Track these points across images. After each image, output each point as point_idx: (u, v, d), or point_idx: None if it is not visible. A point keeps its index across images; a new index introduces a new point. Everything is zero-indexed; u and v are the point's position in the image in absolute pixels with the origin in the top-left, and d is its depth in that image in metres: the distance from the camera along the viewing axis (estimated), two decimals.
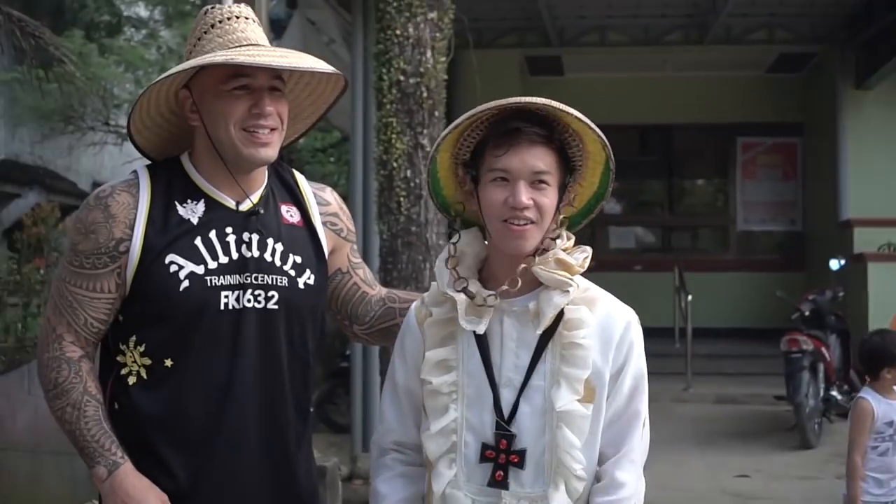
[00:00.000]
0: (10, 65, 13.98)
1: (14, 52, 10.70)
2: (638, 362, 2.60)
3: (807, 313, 10.55)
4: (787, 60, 15.73)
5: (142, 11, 20.46)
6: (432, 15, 7.72)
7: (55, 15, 18.12)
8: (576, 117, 2.50)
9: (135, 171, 2.80)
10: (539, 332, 2.52)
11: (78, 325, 2.70)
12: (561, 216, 2.60)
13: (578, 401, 2.50)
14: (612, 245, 17.48)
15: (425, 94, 7.68)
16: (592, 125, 2.52)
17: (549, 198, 2.52)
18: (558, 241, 2.58)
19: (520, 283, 2.53)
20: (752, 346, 14.51)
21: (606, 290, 2.68)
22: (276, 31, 11.19)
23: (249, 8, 2.82)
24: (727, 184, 17.64)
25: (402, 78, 7.69)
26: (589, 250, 2.62)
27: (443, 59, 7.86)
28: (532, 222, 2.50)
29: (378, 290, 3.07)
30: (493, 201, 2.51)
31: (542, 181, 2.51)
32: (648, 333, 2.74)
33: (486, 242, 2.64)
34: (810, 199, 16.70)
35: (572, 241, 2.62)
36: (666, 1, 13.39)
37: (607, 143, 2.56)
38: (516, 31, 14.70)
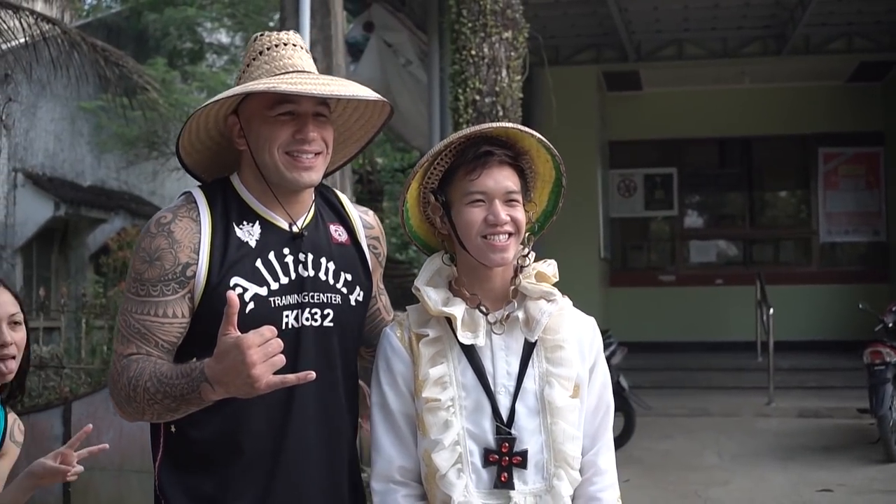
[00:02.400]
0: (95, 93, 14.32)
1: (99, 80, 10.96)
2: (603, 360, 2.86)
3: (890, 325, 10.38)
4: (868, 69, 15.55)
5: (223, 38, 20.81)
6: (507, 34, 7.78)
7: (138, 43, 18.50)
8: (537, 139, 2.74)
9: (187, 193, 2.82)
10: (534, 339, 2.72)
11: (148, 347, 2.67)
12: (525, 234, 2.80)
13: (569, 397, 2.71)
14: (692, 259, 17.38)
15: (501, 113, 7.74)
16: (549, 145, 2.75)
17: (521, 213, 2.72)
18: (530, 257, 2.80)
19: (509, 297, 2.77)
20: (834, 358, 14.32)
21: (688, 304, 2.80)
22: (354, 54, 11.32)
23: (298, 35, 2.87)
24: (809, 195, 17.44)
25: (477, 97, 7.76)
26: (555, 262, 2.84)
27: (518, 77, 7.92)
28: (511, 234, 2.69)
29: (391, 316, 3.10)
30: (472, 220, 2.69)
31: (513, 199, 2.70)
32: (730, 347, 2.82)
33: (451, 263, 2.81)
34: (894, 209, 16.47)
35: (534, 255, 2.82)
36: (743, 12, 13.32)
37: (562, 162, 2.79)
38: (593, 47, 14.72)
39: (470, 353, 2.72)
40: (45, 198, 15.44)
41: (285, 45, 2.79)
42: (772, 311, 12.69)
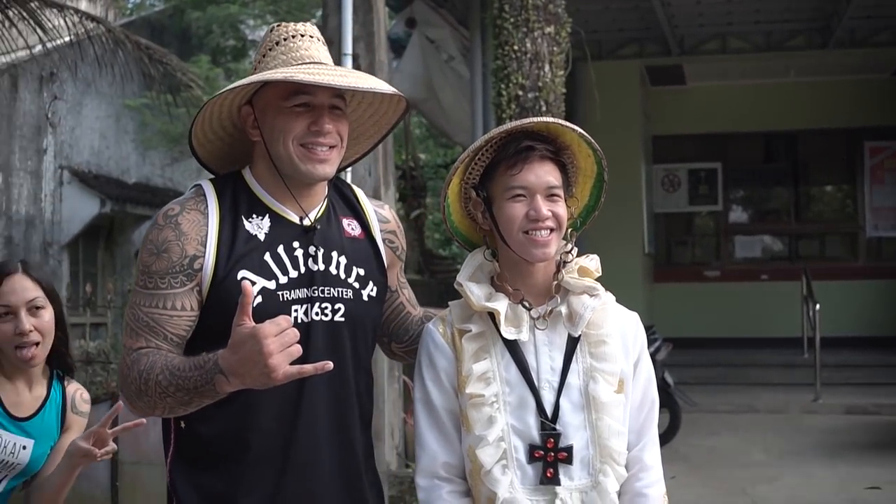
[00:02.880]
0: (139, 91, 14.43)
1: (143, 78, 11.05)
2: (647, 355, 2.84)
3: None
4: None
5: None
6: (549, 29, 7.75)
7: (182, 41, 18.63)
8: (579, 133, 2.72)
9: (197, 186, 2.81)
10: (577, 333, 2.70)
11: (157, 340, 2.64)
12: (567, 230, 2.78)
13: (614, 392, 2.70)
14: (738, 255, 17.29)
15: (544, 108, 7.71)
16: (590, 139, 2.73)
17: (562, 208, 2.71)
18: (573, 252, 2.78)
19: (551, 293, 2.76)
20: (882, 354, 14.20)
21: (733, 300, 2.78)
22: (396, 50, 11.33)
23: (315, 27, 2.84)
24: (855, 190, 17.28)
25: (520, 93, 7.73)
26: (597, 257, 2.81)
27: (561, 72, 7.88)
28: (552, 230, 2.68)
29: (418, 311, 3.09)
30: (513, 216, 2.68)
31: (555, 194, 2.70)
32: (775, 343, 2.80)
33: (493, 259, 2.80)
34: None
35: (576, 251, 2.81)
36: (787, 5, 13.21)
37: (603, 157, 2.77)
38: (635, 42, 14.66)
39: (513, 348, 2.71)
40: (91, 195, 15.59)
41: (302, 35, 2.76)
42: (818, 306, 12.59)
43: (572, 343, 2.72)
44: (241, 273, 2.65)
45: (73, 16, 9.82)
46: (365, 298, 2.82)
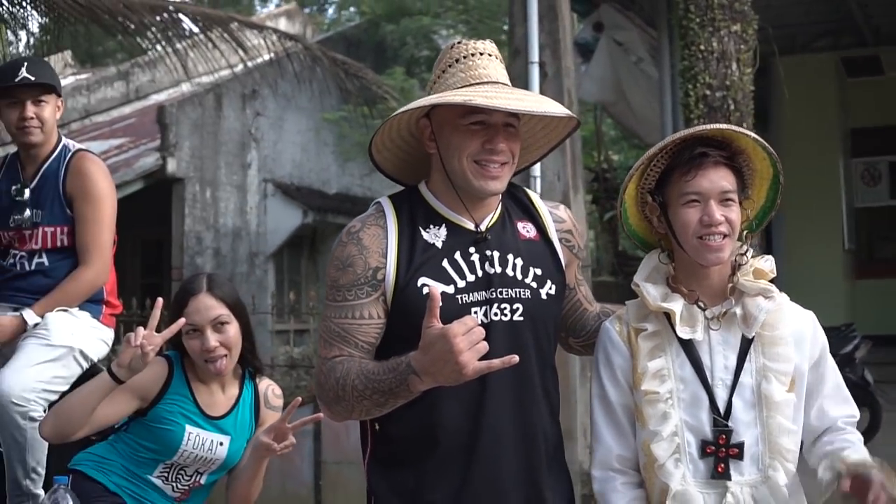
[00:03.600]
0: (337, 104, 14.87)
1: (340, 92, 11.43)
2: (828, 353, 2.90)
3: None
4: None
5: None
6: (735, 27, 7.72)
7: (377, 53, 19.06)
8: (753, 138, 2.79)
9: (377, 203, 2.97)
10: (752, 335, 2.78)
11: (349, 348, 2.81)
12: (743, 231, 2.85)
13: (786, 391, 2.77)
14: None
15: (732, 107, 7.69)
16: (765, 144, 2.81)
17: (735, 213, 2.78)
18: (747, 254, 2.85)
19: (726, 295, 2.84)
20: None
21: None
22: (584, 55, 11.40)
23: (493, 44, 2.94)
24: None
25: (708, 92, 7.73)
26: (772, 258, 2.87)
27: (749, 70, 7.84)
28: (726, 236, 2.75)
29: (594, 307, 3.19)
30: (688, 221, 2.77)
31: (728, 199, 2.77)
32: None
33: (669, 261, 2.88)
34: None
35: (751, 252, 2.87)
36: None
37: (778, 160, 2.83)
38: (829, 34, 14.30)
39: (688, 347, 2.81)
40: (294, 206, 16.06)
41: (481, 54, 2.88)
42: None
43: (746, 343, 2.81)
44: (422, 280, 2.81)
45: (272, 35, 10.24)
46: (543, 297, 2.92)
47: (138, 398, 3.69)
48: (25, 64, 4.44)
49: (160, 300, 3.63)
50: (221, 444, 3.77)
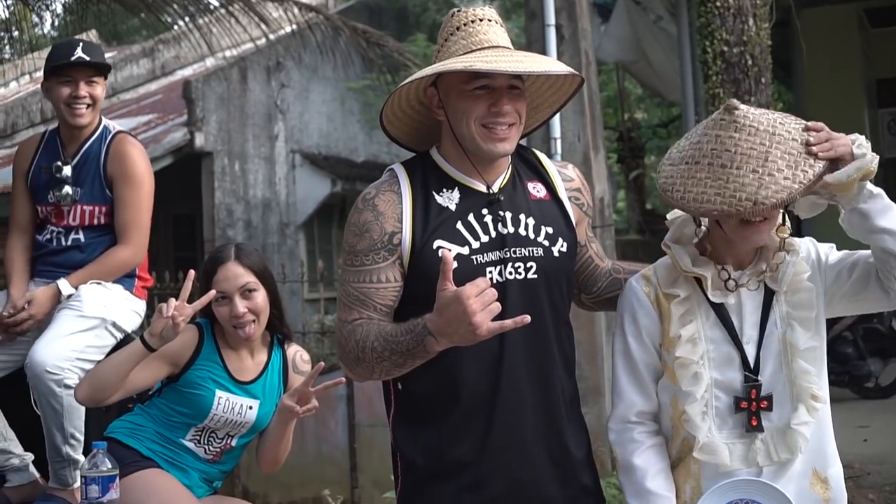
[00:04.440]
0: (361, 73, 14.93)
1: (363, 61, 11.49)
2: (831, 251, 2.97)
3: None
4: None
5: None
6: None
7: (399, 20, 19.09)
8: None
9: (390, 170, 3.04)
10: (784, 288, 2.85)
11: (368, 312, 2.90)
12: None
13: (810, 337, 2.84)
14: None
15: (750, 62, 7.73)
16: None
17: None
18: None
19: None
20: None
21: None
22: (603, 14, 11.43)
23: (493, 10, 3.00)
24: None
25: (725, 48, 7.76)
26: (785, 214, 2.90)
27: (766, 25, 7.87)
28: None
29: (606, 263, 3.26)
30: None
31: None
32: None
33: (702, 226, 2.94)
34: None
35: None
36: None
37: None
38: None
39: (718, 309, 2.88)
40: (323, 176, 16.15)
41: (481, 20, 2.94)
42: None
43: (769, 294, 2.88)
44: (437, 242, 2.89)
45: (293, 7, 10.30)
46: (556, 255, 2.99)
47: (170, 364, 3.83)
48: (81, 44, 4.56)
49: (192, 272, 3.76)
50: (251, 408, 3.89)
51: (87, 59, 4.51)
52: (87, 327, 4.33)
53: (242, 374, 3.91)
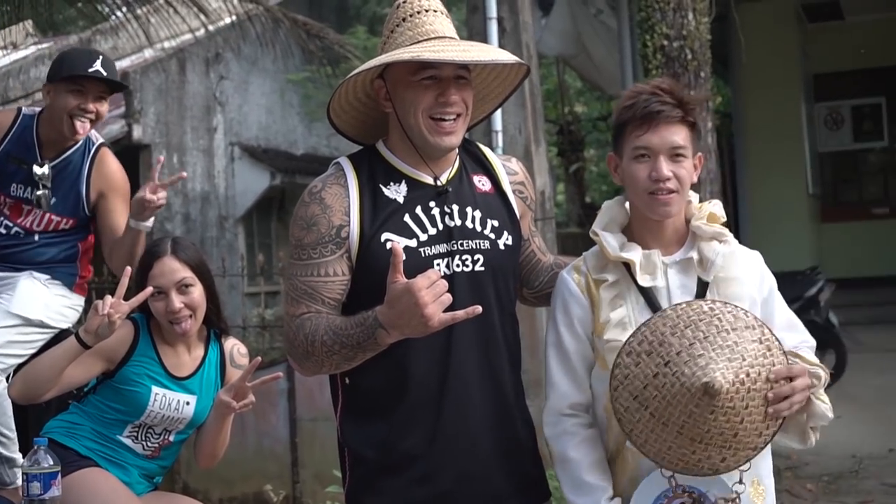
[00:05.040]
0: (300, 65, 14.84)
1: (303, 53, 11.42)
2: (776, 291, 2.98)
3: None
4: None
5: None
6: None
7: (339, 12, 19.00)
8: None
9: (336, 163, 3.04)
10: (710, 278, 2.86)
11: (316, 305, 2.89)
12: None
13: None
14: None
15: (690, 57, 7.75)
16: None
17: (685, 169, 2.87)
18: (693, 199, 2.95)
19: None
20: None
21: None
22: (544, 7, 11.43)
23: (438, 1, 3.01)
24: None
25: (665, 42, 7.78)
26: (720, 202, 2.97)
27: (705, 19, 7.91)
28: (673, 192, 2.85)
29: (548, 257, 3.28)
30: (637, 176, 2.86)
31: (679, 155, 2.86)
32: None
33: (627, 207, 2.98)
34: None
35: (697, 197, 2.98)
36: None
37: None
38: None
39: (647, 294, 2.88)
40: (262, 168, 16.03)
41: (427, 11, 2.95)
42: None
43: (703, 287, 2.88)
44: (385, 235, 2.89)
45: None
46: (501, 248, 3.01)
47: (105, 360, 3.78)
48: (101, 58, 4.43)
49: (128, 268, 3.71)
50: (188, 403, 3.86)
51: (105, 74, 4.39)
52: (10, 324, 4.26)
53: (179, 369, 3.87)
